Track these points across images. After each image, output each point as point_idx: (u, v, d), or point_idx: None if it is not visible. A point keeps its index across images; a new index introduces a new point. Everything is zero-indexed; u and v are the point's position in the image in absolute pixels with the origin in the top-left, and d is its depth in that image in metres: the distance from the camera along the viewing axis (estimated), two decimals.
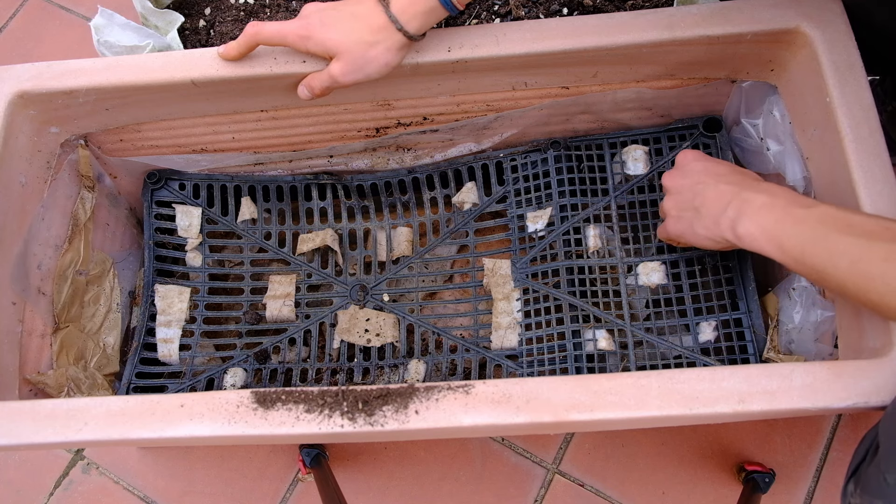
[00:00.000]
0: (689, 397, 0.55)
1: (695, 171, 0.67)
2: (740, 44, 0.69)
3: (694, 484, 0.87)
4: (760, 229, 0.58)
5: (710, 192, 0.64)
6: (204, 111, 0.77)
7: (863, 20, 0.66)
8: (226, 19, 0.92)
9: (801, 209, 0.57)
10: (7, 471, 0.94)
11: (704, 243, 0.65)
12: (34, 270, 0.74)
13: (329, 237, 0.86)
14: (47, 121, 0.74)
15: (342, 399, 0.57)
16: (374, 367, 0.82)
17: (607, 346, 0.75)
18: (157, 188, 0.87)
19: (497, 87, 0.76)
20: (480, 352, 0.80)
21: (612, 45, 0.68)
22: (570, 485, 0.88)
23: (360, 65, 0.66)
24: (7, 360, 0.70)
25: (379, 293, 0.86)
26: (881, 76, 0.82)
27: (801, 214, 0.57)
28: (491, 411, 0.56)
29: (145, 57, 0.72)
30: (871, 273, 0.52)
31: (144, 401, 0.58)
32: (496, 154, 0.86)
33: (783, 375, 0.55)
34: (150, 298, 0.84)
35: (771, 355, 0.72)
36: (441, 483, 0.89)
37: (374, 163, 0.87)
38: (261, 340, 0.84)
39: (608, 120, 0.82)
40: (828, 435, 0.88)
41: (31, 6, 1.20)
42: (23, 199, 0.73)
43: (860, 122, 0.62)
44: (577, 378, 0.57)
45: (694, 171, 0.67)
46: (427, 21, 0.65)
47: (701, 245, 0.66)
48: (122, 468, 0.93)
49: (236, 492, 0.90)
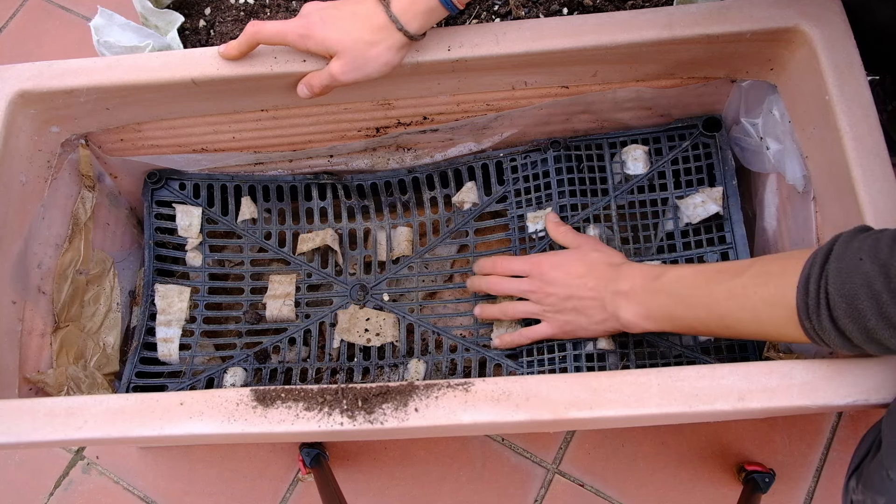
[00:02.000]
0: (689, 395, 0.55)
1: (557, 278, 0.72)
2: (739, 43, 0.69)
3: (694, 484, 0.87)
4: (634, 314, 0.66)
5: (583, 293, 0.70)
6: (204, 111, 0.77)
7: (864, 19, 0.66)
8: (226, 19, 0.92)
9: (655, 281, 0.64)
10: (7, 471, 0.94)
11: (599, 335, 0.72)
12: (34, 269, 0.74)
13: (329, 237, 0.86)
14: (48, 120, 0.75)
15: (342, 397, 0.57)
16: (374, 366, 0.82)
17: (607, 346, 0.74)
18: (157, 188, 0.87)
19: (497, 87, 0.76)
20: (480, 351, 0.80)
21: (612, 45, 0.68)
22: (570, 485, 0.88)
23: (360, 64, 0.66)
24: (7, 358, 0.70)
25: (379, 293, 0.86)
26: (881, 76, 0.82)
27: (657, 287, 0.64)
28: (490, 409, 0.56)
29: (146, 56, 0.72)
30: (724, 314, 0.58)
31: (144, 399, 0.58)
32: (496, 154, 0.86)
33: (783, 373, 0.55)
34: (150, 298, 0.84)
35: (770, 354, 0.72)
36: (441, 483, 0.89)
37: (374, 162, 0.87)
38: (261, 340, 0.84)
39: (608, 119, 0.82)
40: (828, 435, 0.88)
41: (31, 6, 1.21)
42: (23, 198, 0.73)
43: (859, 121, 0.62)
44: (576, 376, 0.57)
45: (558, 279, 0.72)
46: (427, 21, 0.65)
47: (596, 337, 0.73)
48: (122, 468, 0.92)
49: (236, 492, 0.90)
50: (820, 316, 0.50)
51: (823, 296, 0.49)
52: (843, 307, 0.48)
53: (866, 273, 0.47)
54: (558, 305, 0.72)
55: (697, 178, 0.81)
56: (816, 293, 0.50)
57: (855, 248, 0.49)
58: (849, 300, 0.48)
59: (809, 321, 0.51)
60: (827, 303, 0.49)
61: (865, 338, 0.48)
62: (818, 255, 0.51)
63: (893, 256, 0.46)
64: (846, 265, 0.48)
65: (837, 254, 0.49)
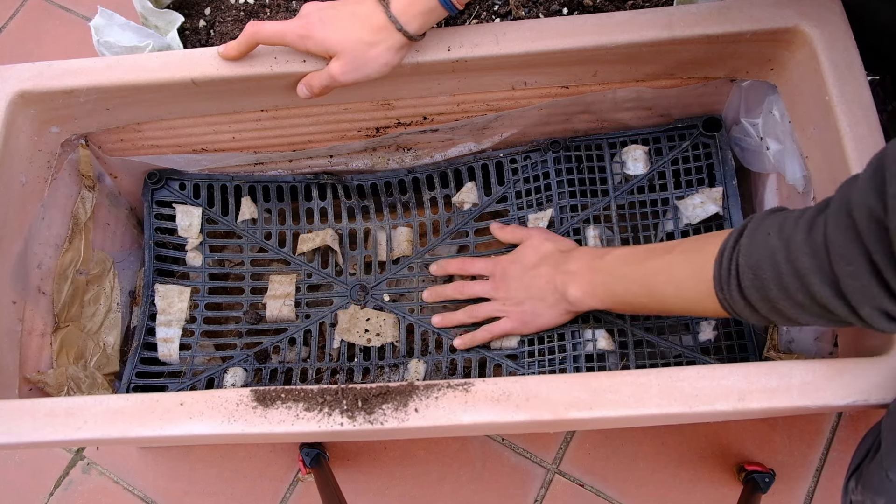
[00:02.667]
0: (689, 395, 0.55)
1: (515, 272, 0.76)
2: (739, 43, 0.69)
3: (694, 484, 0.87)
4: (580, 291, 0.69)
5: (537, 282, 0.73)
6: (204, 111, 0.77)
7: (864, 19, 0.66)
8: (226, 19, 0.92)
9: (598, 260, 0.68)
10: (7, 471, 0.94)
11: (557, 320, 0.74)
12: (34, 269, 0.74)
13: (329, 237, 0.86)
14: (48, 120, 0.75)
15: (342, 397, 0.57)
16: (374, 366, 0.82)
17: (607, 346, 0.75)
18: (157, 188, 0.87)
19: (497, 87, 0.76)
20: (480, 351, 0.80)
21: (612, 45, 0.68)
22: (570, 485, 0.88)
23: (360, 64, 0.66)
24: (7, 359, 0.70)
25: (379, 293, 0.86)
26: (881, 76, 0.82)
27: (599, 266, 0.68)
28: (490, 409, 0.56)
29: (146, 56, 0.72)
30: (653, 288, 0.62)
31: (144, 399, 0.58)
32: (496, 154, 0.86)
33: (783, 373, 0.55)
34: (151, 298, 0.84)
35: (770, 354, 0.72)
36: (441, 483, 0.89)
37: (374, 163, 0.87)
38: (261, 340, 0.84)
39: (608, 120, 0.82)
40: (828, 435, 0.88)
41: (31, 6, 1.21)
42: (23, 198, 0.73)
43: (859, 121, 0.62)
44: (576, 376, 0.57)
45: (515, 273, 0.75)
46: (427, 21, 0.65)
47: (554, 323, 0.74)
48: (122, 468, 0.92)
49: (236, 492, 0.90)
50: (730, 286, 0.53)
51: (734, 267, 0.52)
52: (750, 277, 0.51)
53: (771, 246, 0.50)
54: (516, 297, 0.75)
55: (697, 179, 0.81)
56: (728, 265, 0.53)
57: (766, 226, 0.51)
58: (754, 270, 0.50)
59: (722, 292, 0.54)
60: (737, 273, 0.52)
61: (769, 307, 0.51)
62: (734, 233, 0.54)
63: (795, 231, 0.48)
64: (756, 240, 0.51)
65: (750, 230, 0.53)
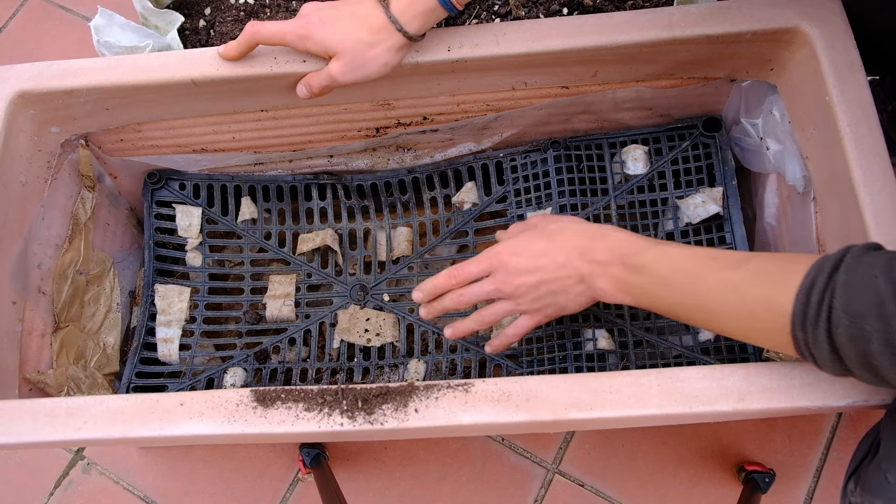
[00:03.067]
0: (689, 396, 0.55)
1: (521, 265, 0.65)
2: (739, 43, 0.69)
3: (694, 484, 0.87)
4: (611, 286, 0.61)
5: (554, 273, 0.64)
6: (204, 111, 0.77)
7: (864, 19, 0.66)
8: (226, 19, 0.92)
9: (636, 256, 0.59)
10: (7, 471, 0.94)
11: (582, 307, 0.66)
12: (34, 270, 0.74)
13: (329, 237, 0.86)
14: (48, 120, 0.75)
15: (342, 398, 0.57)
16: (374, 366, 0.82)
17: (607, 346, 0.75)
18: (157, 188, 0.87)
19: (497, 87, 0.76)
20: (480, 351, 0.80)
21: (612, 45, 0.68)
22: (570, 485, 0.88)
23: (359, 64, 0.66)
24: (7, 359, 0.70)
25: (379, 293, 0.86)
26: (881, 76, 0.82)
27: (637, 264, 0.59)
28: (490, 410, 0.56)
29: (146, 57, 0.72)
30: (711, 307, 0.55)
31: (144, 399, 0.58)
32: (496, 154, 0.86)
33: (783, 374, 0.55)
34: (150, 298, 0.84)
35: (771, 355, 0.72)
36: (441, 483, 0.89)
37: (374, 163, 0.87)
38: (261, 340, 0.84)
39: (608, 120, 0.82)
40: (828, 435, 0.88)
41: (31, 6, 1.21)
42: (23, 198, 0.73)
43: (859, 121, 0.62)
44: (576, 376, 0.57)
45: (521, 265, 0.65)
46: (427, 21, 0.65)
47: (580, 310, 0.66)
48: (122, 468, 0.92)
49: (236, 492, 0.90)
50: (817, 329, 0.46)
51: (826, 309, 0.45)
52: (846, 325, 0.44)
53: (879, 292, 0.43)
54: (532, 294, 0.65)
55: (697, 179, 0.81)
56: (819, 304, 0.46)
57: (867, 264, 0.45)
58: (854, 319, 0.43)
59: (804, 332, 0.47)
60: (828, 316, 0.45)
61: (861, 362, 0.45)
62: (825, 264, 0.47)
63: None
64: (857, 280, 0.44)
65: (848, 266, 0.45)
